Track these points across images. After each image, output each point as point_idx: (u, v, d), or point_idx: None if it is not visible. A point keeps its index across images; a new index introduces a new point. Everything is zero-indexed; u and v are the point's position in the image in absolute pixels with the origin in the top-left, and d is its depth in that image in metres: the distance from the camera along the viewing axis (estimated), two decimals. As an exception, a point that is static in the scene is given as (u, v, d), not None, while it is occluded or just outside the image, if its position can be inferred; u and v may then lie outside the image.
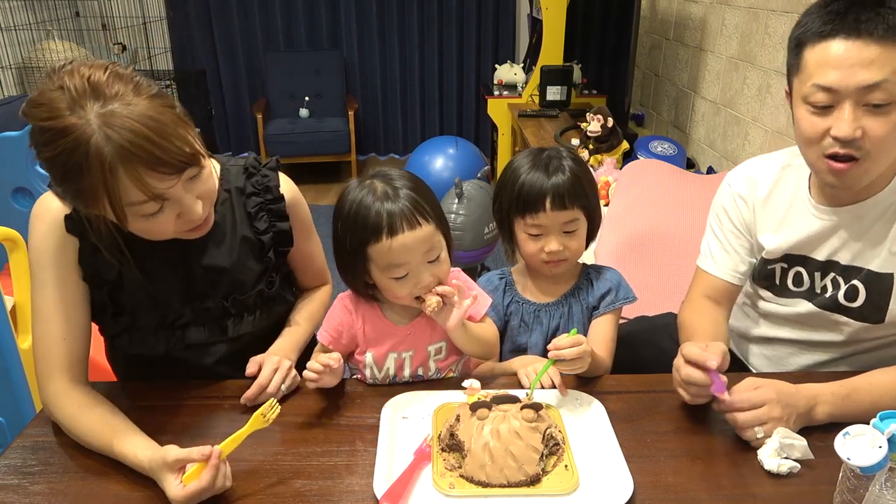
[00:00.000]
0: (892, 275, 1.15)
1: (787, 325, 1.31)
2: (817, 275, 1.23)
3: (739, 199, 1.30)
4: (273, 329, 1.27)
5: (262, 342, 1.23)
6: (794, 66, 1.09)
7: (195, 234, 1.09)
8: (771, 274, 1.30)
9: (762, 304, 1.34)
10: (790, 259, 1.26)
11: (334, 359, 1.10)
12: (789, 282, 1.27)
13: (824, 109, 1.04)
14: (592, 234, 1.30)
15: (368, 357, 1.20)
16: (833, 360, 1.28)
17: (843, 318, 1.22)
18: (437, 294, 1.09)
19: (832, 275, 1.22)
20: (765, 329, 1.36)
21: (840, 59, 1.01)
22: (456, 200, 3.05)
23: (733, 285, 1.33)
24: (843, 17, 1.00)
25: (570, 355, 1.09)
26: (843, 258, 1.19)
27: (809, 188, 1.22)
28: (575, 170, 1.23)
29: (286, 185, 1.24)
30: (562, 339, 1.11)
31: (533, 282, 1.35)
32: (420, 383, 1.20)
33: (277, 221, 1.23)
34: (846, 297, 1.20)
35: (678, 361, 1.07)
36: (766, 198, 1.27)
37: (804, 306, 1.26)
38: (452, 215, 3.00)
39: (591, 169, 1.30)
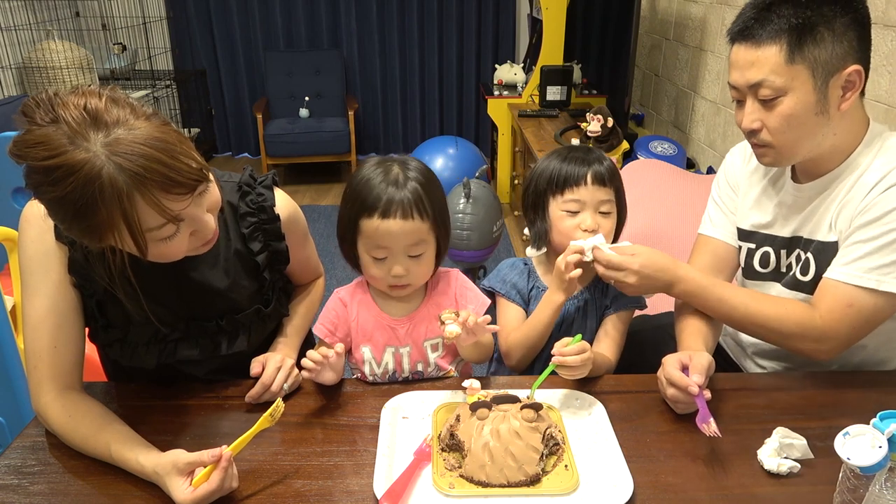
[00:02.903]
0: (836, 242, 1.19)
1: None
2: (783, 252, 1.29)
3: (735, 163, 1.38)
4: (265, 345, 1.25)
5: (255, 354, 1.20)
6: None
7: (204, 249, 1.05)
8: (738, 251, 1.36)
9: None
10: (758, 238, 1.31)
11: (337, 351, 1.10)
12: (755, 262, 1.32)
13: (740, 104, 1.18)
14: (619, 230, 1.34)
15: (366, 352, 1.21)
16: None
17: (801, 296, 1.25)
18: (460, 323, 1.09)
19: (797, 251, 1.26)
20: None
21: (737, 60, 1.14)
22: (463, 200, 3.04)
23: (732, 247, 1.36)
24: (744, 22, 1.12)
25: (574, 363, 1.10)
26: (805, 232, 1.24)
27: (793, 167, 1.27)
28: (612, 160, 1.31)
29: (282, 202, 1.21)
30: (567, 346, 1.11)
31: (552, 273, 1.35)
32: (420, 382, 1.20)
33: (273, 241, 1.20)
34: (801, 271, 1.24)
35: (662, 378, 1.10)
36: (754, 169, 1.34)
37: (775, 290, 1.29)
38: (460, 215, 2.98)
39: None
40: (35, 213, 1.07)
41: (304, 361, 1.11)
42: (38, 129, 0.87)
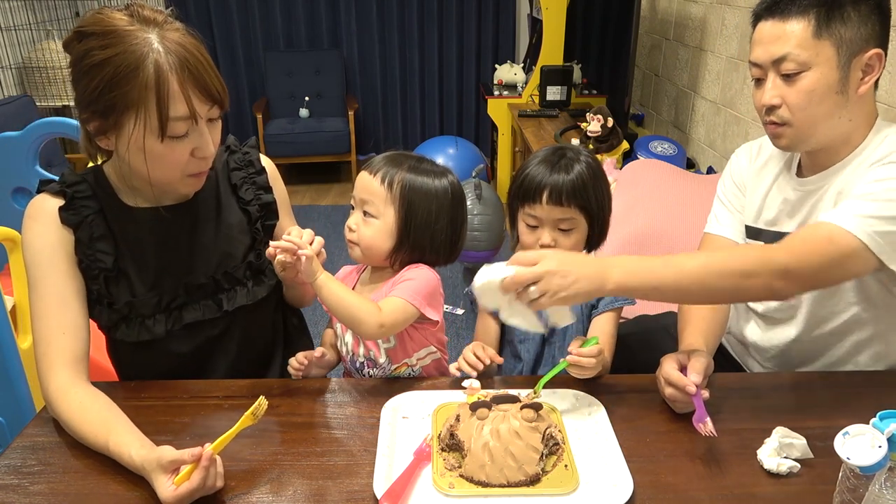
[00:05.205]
0: None
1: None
2: None
3: (741, 162, 1.39)
4: (267, 302, 1.28)
5: (259, 315, 1.27)
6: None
7: (196, 183, 1.13)
8: None
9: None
10: (768, 236, 1.31)
11: (316, 356, 1.20)
12: None
13: (759, 82, 1.19)
14: (596, 242, 1.31)
15: (338, 328, 1.27)
16: (801, 339, 1.30)
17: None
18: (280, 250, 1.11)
19: None
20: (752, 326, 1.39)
21: (761, 37, 1.16)
22: (473, 201, 3.04)
23: (738, 244, 1.36)
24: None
25: (588, 364, 1.10)
26: None
27: (799, 164, 1.28)
28: (583, 172, 1.24)
29: (266, 161, 1.31)
30: (585, 348, 1.11)
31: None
32: (419, 382, 1.20)
33: (262, 193, 1.26)
34: None
35: (660, 377, 1.10)
36: (761, 167, 1.35)
37: None
38: (469, 216, 2.98)
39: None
40: (39, 208, 1.13)
41: (290, 362, 1.21)
42: (100, 14, 1.02)
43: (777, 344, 1.33)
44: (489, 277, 1.04)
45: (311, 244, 1.11)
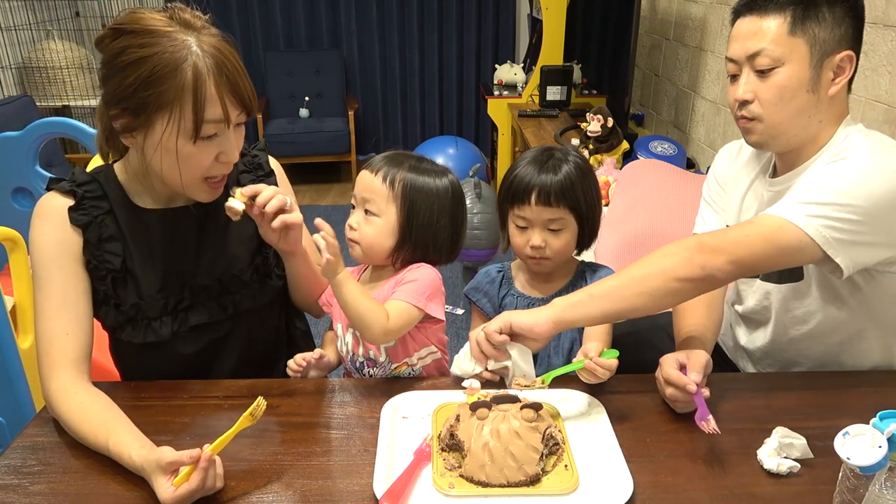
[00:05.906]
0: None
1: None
2: None
3: (722, 161, 1.40)
4: (271, 305, 1.28)
5: (263, 319, 1.27)
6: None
7: (212, 192, 1.13)
8: None
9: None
10: None
11: (315, 357, 1.20)
12: None
13: (734, 78, 1.20)
14: (587, 241, 1.31)
15: (338, 328, 1.27)
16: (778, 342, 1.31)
17: (769, 286, 1.27)
18: (246, 201, 1.11)
19: None
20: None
21: (738, 33, 1.18)
22: (473, 199, 3.04)
23: None
24: None
25: (603, 376, 1.10)
26: None
27: (775, 166, 1.29)
28: (571, 172, 1.24)
29: (274, 164, 1.32)
30: (605, 359, 1.10)
31: (529, 277, 1.36)
32: (419, 382, 1.20)
33: None
34: None
35: (660, 378, 1.10)
36: (740, 167, 1.36)
37: (765, 286, 1.30)
38: (469, 215, 2.99)
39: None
40: (47, 206, 1.13)
41: (289, 364, 1.22)
42: (142, 14, 1.03)
43: (760, 346, 1.34)
44: (462, 352, 1.18)
45: (271, 200, 1.12)
